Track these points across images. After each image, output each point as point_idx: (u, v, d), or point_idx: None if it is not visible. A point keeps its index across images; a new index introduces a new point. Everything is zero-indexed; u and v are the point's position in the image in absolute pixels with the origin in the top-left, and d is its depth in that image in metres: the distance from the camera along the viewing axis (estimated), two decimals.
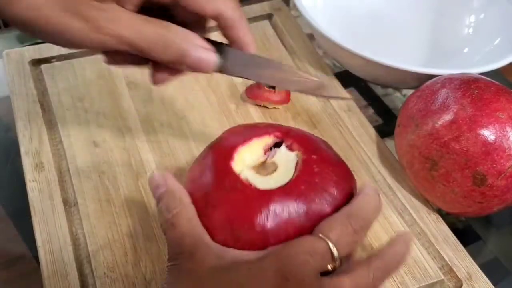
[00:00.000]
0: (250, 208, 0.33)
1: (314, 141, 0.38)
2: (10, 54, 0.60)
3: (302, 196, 0.34)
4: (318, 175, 0.35)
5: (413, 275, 0.44)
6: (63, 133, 0.52)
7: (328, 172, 0.35)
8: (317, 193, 0.34)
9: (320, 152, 0.37)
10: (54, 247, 0.44)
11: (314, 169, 0.35)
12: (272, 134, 0.38)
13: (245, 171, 0.36)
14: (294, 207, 0.33)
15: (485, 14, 0.64)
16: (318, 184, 0.34)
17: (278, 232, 0.33)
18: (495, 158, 0.43)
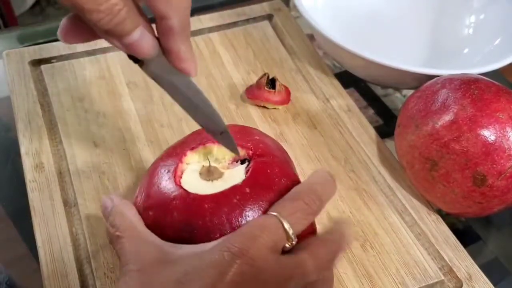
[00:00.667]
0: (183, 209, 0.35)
1: (268, 147, 0.40)
2: (10, 55, 0.60)
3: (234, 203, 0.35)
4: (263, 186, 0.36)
5: (413, 276, 0.44)
6: (63, 133, 0.52)
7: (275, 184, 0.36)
8: (254, 202, 0.35)
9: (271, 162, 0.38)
10: (54, 248, 0.44)
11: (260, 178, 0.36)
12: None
13: (189, 175, 0.37)
14: (241, 194, 0.35)
15: (485, 15, 0.64)
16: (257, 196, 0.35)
17: (227, 221, 0.34)
18: (495, 159, 0.43)
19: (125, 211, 0.36)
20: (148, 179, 0.38)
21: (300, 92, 0.58)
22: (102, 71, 0.58)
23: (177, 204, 0.35)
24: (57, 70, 0.58)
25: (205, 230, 0.33)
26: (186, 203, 0.35)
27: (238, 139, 0.39)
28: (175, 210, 0.35)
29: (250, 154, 0.38)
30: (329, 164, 0.52)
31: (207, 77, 0.59)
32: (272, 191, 0.35)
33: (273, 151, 0.39)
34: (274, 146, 0.40)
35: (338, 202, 0.48)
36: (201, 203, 0.34)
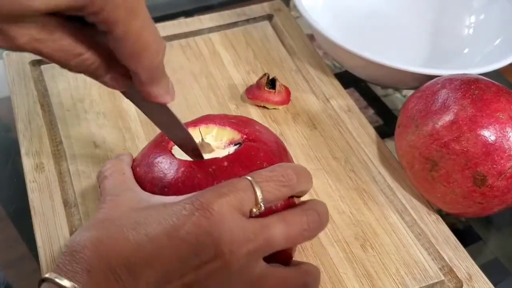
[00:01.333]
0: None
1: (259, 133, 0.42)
2: (10, 55, 0.60)
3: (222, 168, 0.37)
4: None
5: (413, 276, 0.44)
6: (63, 133, 0.52)
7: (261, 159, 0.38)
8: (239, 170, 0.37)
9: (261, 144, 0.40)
10: (54, 248, 0.44)
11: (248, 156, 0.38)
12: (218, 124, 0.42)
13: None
14: (219, 166, 0.37)
15: (485, 15, 0.64)
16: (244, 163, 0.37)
17: (197, 186, 0.36)
18: (495, 159, 0.43)
19: (119, 159, 0.41)
20: (147, 147, 0.43)
21: (300, 92, 0.58)
22: None
23: (159, 163, 0.38)
24: (57, 70, 0.58)
25: (175, 190, 0.36)
26: (167, 163, 0.38)
27: (240, 126, 0.41)
28: (156, 167, 0.38)
29: (243, 139, 0.40)
30: (329, 164, 0.51)
31: (207, 77, 0.59)
32: (250, 171, 0.36)
33: (267, 141, 0.40)
34: (271, 138, 0.42)
35: (338, 202, 0.48)
36: (179, 166, 0.37)
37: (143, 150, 0.43)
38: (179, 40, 0.63)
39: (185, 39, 0.63)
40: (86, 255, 0.30)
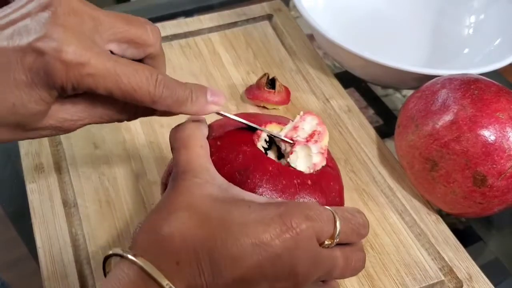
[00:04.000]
0: (260, 162, 0.36)
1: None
2: None
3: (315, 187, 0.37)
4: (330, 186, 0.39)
5: (413, 276, 0.44)
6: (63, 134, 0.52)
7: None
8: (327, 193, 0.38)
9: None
10: (54, 249, 0.44)
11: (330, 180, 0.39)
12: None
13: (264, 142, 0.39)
14: (301, 181, 0.37)
15: (485, 15, 0.64)
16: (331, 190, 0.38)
17: (278, 191, 0.36)
18: (495, 159, 0.43)
19: (198, 127, 0.36)
20: (230, 119, 0.39)
21: (300, 92, 0.58)
22: None
23: (247, 151, 0.37)
24: None
25: (257, 185, 0.35)
26: (255, 154, 0.37)
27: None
28: (242, 154, 0.36)
29: (326, 158, 0.39)
30: None
31: (207, 77, 0.59)
32: (325, 200, 0.37)
33: (338, 172, 0.41)
34: (337, 168, 0.42)
35: None
36: (267, 163, 0.36)
37: (222, 120, 0.40)
38: (179, 40, 0.63)
39: (185, 39, 0.63)
40: (175, 247, 0.30)
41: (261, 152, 0.37)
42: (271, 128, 0.40)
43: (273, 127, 0.40)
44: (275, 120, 0.41)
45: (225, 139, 0.38)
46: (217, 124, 0.40)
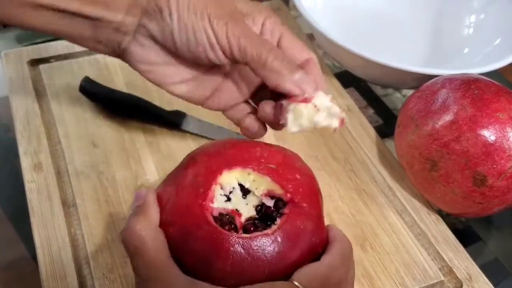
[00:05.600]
0: (217, 247, 0.33)
1: (294, 171, 0.38)
2: (8, 55, 0.60)
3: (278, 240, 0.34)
4: (300, 223, 0.35)
5: (413, 276, 0.44)
6: (62, 133, 0.52)
7: (310, 221, 0.36)
8: (296, 239, 0.34)
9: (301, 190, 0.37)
10: (53, 248, 0.43)
11: (297, 219, 0.35)
12: (255, 169, 0.37)
13: (219, 197, 0.36)
14: (268, 248, 0.34)
15: (485, 15, 0.64)
16: (299, 231, 0.35)
17: (247, 271, 0.33)
18: (495, 159, 0.43)
19: (145, 213, 0.34)
20: (177, 188, 0.36)
21: None
22: (100, 71, 0.58)
23: (203, 236, 0.33)
24: (55, 70, 0.58)
25: (222, 273, 0.33)
26: (212, 238, 0.33)
27: (279, 174, 0.37)
28: (199, 240, 0.33)
29: (288, 198, 0.36)
30: (329, 164, 0.51)
31: None
32: (300, 250, 0.34)
33: (312, 199, 0.37)
34: (313, 188, 0.38)
35: (338, 202, 0.48)
36: (227, 245, 0.33)
37: (170, 191, 0.36)
38: None
39: None
40: None
41: (217, 230, 0.33)
42: (229, 177, 0.37)
43: (231, 176, 0.37)
44: (239, 162, 0.37)
45: (176, 223, 0.34)
46: (163, 192, 0.36)
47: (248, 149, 0.38)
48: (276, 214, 0.35)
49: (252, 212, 0.36)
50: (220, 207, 0.35)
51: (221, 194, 0.36)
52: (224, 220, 0.35)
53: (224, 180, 0.36)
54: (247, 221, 0.36)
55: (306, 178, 0.38)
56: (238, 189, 0.36)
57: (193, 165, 0.37)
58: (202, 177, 0.36)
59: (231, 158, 0.37)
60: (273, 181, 0.36)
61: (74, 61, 0.59)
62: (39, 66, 0.59)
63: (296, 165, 0.39)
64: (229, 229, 0.34)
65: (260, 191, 0.37)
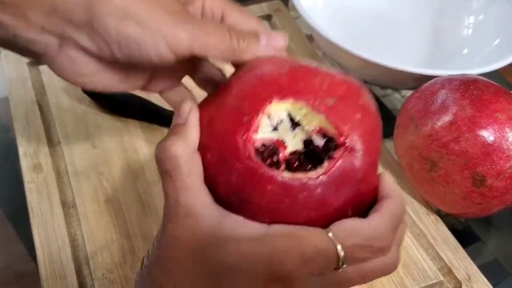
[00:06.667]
0: (258, 176, 0.30)
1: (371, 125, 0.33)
2: (8, 55, 0.60)
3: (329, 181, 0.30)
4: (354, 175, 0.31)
5: (412, 276, 0.44)
6: (62, 134, 0.52)
7: (368, 170, 0.32)
8: (345, 185, 0.31)
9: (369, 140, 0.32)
10: (53, 249, 0.44)
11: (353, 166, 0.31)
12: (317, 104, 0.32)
13: (265, 128, 0.32)
14: (309, 193, 0.30)
15: (484, 15, 0.64)
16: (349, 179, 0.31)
17: (283, 213, 0.30)
18: (494, 159, 0.43)
19: (184, 137, 0.31)
20: (220, 110, 0.32)
21: None
22: None
23: (241, 169, 0.30)
24: None
25: (256, 208, 0.30)
26: (249, 171, 0.30)
27: (337, 112, 0.32)
28: (236, 172, 0.30)
29: (341, 141, 0.31)
30: None
31: None
32: (344, 200, 0.31)
33: (369, 144, 0.32)
34: (373, 132, 0.33)
35: None
36: (265, 181, 0.30)
37: (210, 105, 0.33)
38: None
39: None
40: None
41: (257, 166, 0.30)
42: (279, 108, 0.32)
43: (280, 107, 0.32)
44: (299, 91, 0.32)
45: (214, 149, 0.31)
46: (204, 109, 0.33)
47: (306, 77, 0.33)
48: (325, 156, 0.31)
49: (299, 146, 0.32)
50: (264, 137, 0.32)
51: (267, 124, 0.32)
52: (266, 153, 0.31)
53: (273, 110, 0.32)
54: (292, 155, 0.32)
55: (367, 118, 0.33)
56: (287, 121, 0.32)
57: (240, 85, 0.33)
58: (249, 103, 0.32)
59: (284, 86, 0.32)
60: (327, 119, 0.31)
61: None
62: (38, 67, 0.59)
63: (360, 102, 0.33)
64: (271, 163, 0.31)
65: (312, 126, 0.32)
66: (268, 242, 0.29)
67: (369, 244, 0.30)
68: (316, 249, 0.29)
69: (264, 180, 0.30)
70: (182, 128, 0.31)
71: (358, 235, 0.29)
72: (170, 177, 0.30)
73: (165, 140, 0.31)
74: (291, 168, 0.31)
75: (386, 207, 0.31)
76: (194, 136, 0.32)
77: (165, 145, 0.30)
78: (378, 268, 0.31)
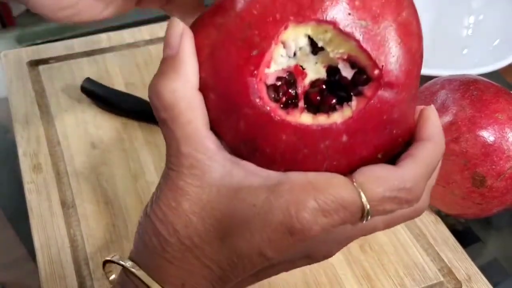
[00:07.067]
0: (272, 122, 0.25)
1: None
2: (8, 55, 0.60)
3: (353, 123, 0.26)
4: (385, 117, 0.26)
5: (412, 277, 0.44)
6: (61, 134, 0.52)
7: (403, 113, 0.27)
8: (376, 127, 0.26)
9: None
10: (52, 249, 0.43)
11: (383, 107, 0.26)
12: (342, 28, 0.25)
13: (280, 58, 0.26)
14: (332, 140, 0.25)
15: (484, 16, 0.64)
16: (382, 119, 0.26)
17: (301, 163, 0.26)
18: (494, 160, 0.43)
19: (179, 73, 0.26)
20: (223, 37, 0.26)
21: None
22: (100, 72, 0.58)
23: (250, 115, 0.25)
24: (55, 71, 0.58)
25: (269, 159, 0.26)
26: (261, 119, 0.25)
27: (373, 37, 0.26)
28: (244, 119, 0.26)
29: (375, 75, 0.26)
30: None
31: None
32: (374, 147, 0.26)
33: (409, 76, 0.27)
34: (415, 60, 0.28)
35: None
36: (279, 130, 0.25)
37: (210, 27, 0.26)
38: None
39: None
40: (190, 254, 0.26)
41: (270, 112, 0.25)
42: (297, 33, 0.26)
43: (299, 32, 0.26)
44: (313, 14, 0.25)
45: (218, 88, 0.26)
46: (203, 35, 0.27)
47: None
48: (353, 91, 0.26)
49: (322, 74, 0.26)
50: (279, 69, 0.26)
51: (283, 55, 0.26)
52: (281, 88, 0.26)
53: (290, 37, 0.26)
54: (313, 85, 0.26)
55: (409, 40, 0.28)
56: (307, 47, 0.26)
57: (250, 3, 0.26)
58: (259, 30, 0.25)
59: (304, 3, 0.25)
60: (359, 47, 0.25)
61: (73, 62, 0.59)
62: (38, 67, 0.59)
63: (400, 18, 0.27)
64: (287, 99, 0.26)
65: (338, 54, 0.26)
66: (284, 192, 0.25)
67: (399, 196, 0.26)
68: (339, 200, 0.25)
69: (278, 128, 0.25)
70: (175, 62, 0.26)
71: (387, 186, 0.26)
72: (169, 127, 0.26)
73: (157, 80, 0.26)
74: (311, 104, 0.26)
75: (423, 152, 0.27)
76: (191, 70, 0.26)
77: (158, 89, 0.26)
78: (404, 215, 0.28)
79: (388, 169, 0.26)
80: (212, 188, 0.26)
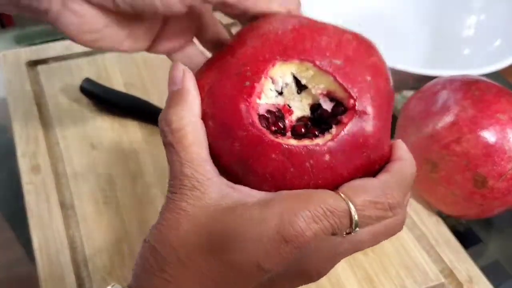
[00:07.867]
0: (265, 145, 0.29)
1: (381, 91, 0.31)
2: (6, 56, 0.59)
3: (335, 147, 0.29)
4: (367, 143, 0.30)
5: (413, 278, 0.43)
6: (60, 134, 0.52)
7: (382, 135, 0.30)
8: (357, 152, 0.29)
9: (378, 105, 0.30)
10: (51, 250, 0.43)
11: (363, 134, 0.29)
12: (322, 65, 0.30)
13: (268, 93, 0.30)
14: (316, 161, 0.29)
15: (485, 16, 0.64)
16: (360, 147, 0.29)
17: (289, 182, 0.29)
18: (495, 160, 0.42)
19: (186, 105, 0.30)
20: (220, 75, 0.31)
21: None
22: (99, 72, 0.58)
23: (244, 137, 0.29)
24: (54, 71, 0.58)
25: (261, 178, 0.29)
26: (253, 140, 0.29)
27: (346, 73, 0.30)
28: (239, 141, 0.29)
29: (350, 104, 0.29)
30: None
31: None
32: (354, 168, 0.29)
33: (380, 108, 0.30)
34: (384, 95, 0.31)
35: None
36: (269, 149, 0.29)
37: (212, 75, 0.31)
38: None
39: None
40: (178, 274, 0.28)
41: (260, 133, 0.29)
42: (284, 70, 0.31)
43: (285, 69, 0.30)
44: (300, 52, 0.30)
45: (216, 116, 0.30)
46: (204, 75, 0.31)
47: (313, 35, 0.31)
48: (333, 121, 0.30)
49: (306, 111, 0.31)
50: (269, 103, 0.30)
51: (271, 89, 0.30)
52: (271, 119, 0.30)
53: (277, 73, 0.30)
54: (299, 120, 0.31)
55: (378, 79, 0.31)
56: (292, 84, 0.31)
57: (242, 47, 0.31)
58: (251, 66, 0.30)
59: (289, 46, 0.30)
60: (336, 81, 0.30)
61: (72, 62, 0.59)
62: (37, 67, 0.59)
63: (369, 61, 0.32)
64: (276, 129, 0.30)
65: (319, 89, 0.30)
66: (277, 204, 0.28)
67: (380, 200, 0.29)
68: (328, 207, 0.27)
69: (268, 148, 0.29)
70: (179, 95, 0.30)
71: (368, 191, 0.28)
72: (174, 149, 0.29)
73: (167, 110, 0.30)
74: (298, 135, 0.30)
75: (396, 168, 0.30)
76: (193, 101, 0.30)
77: (166, 117, 0.29)
78: (388, 227, 0.30)
79: (370, 179, 0.29)
80: (210, 208, 0.28)
